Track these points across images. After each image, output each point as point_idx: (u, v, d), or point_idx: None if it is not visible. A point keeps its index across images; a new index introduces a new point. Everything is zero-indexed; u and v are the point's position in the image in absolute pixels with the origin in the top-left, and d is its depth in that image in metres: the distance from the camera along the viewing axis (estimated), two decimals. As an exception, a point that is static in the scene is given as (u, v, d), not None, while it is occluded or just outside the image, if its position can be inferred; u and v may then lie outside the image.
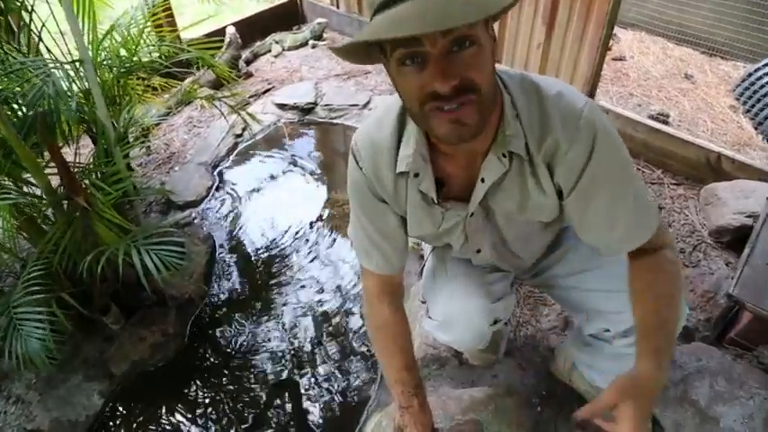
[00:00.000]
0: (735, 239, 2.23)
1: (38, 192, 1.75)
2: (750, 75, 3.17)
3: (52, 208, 1.73)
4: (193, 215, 2.50)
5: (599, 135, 0.95)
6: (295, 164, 2.95)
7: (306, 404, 1.86)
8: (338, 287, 2.27)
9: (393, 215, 1.16)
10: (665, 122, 2.95)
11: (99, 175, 1.76)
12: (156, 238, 1.76)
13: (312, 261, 2.39)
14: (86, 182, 1.77)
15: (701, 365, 1.68)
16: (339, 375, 1.94)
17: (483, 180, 1.02)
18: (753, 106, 3.05)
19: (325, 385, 1.91)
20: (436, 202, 1.08)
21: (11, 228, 1.60)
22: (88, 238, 1.71)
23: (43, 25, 1.73)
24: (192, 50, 2.04)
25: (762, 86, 3.03)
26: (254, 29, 3.88)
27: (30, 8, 1.70)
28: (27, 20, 1.73)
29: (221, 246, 2.44)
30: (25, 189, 1.77)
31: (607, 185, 1.00)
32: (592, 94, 2.82)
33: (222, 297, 2.23)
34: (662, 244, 1.09)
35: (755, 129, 3.00)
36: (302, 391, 1.89)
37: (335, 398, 1.87)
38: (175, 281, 2.02)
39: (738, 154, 2.65)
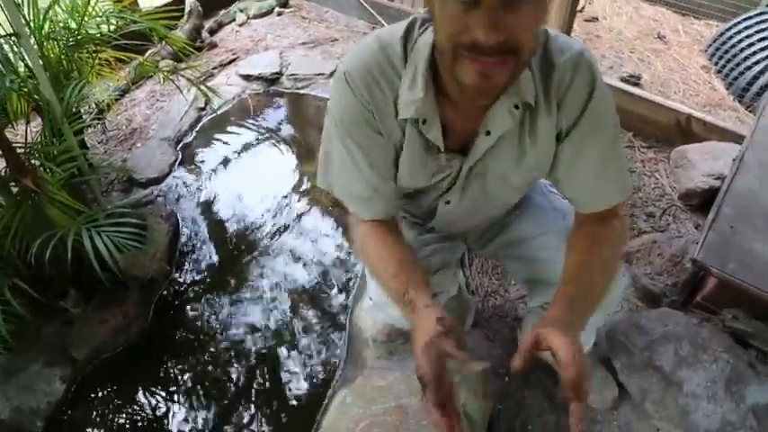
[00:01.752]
0: (704, 202, 2.24)
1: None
2: (722, 34, 3.14)
3: (-2, 191, 1.66)
4: (156, 193, 2.43)
5: (597, 74, 0.96)
6: (261, 135, 2.88)
7: (277, 380, 1.83)
8: (313, 258, 2.24)
9: (392, 150, 1.06)
10: (637, 84, 2.93)
11: (47, 155, 1.68)
12: (113, 219, 1.71)
13: (286, 233, 2.35)
14: (35, 162, 1.70)
15: (666, 331, 1.69)
16: (312, 349, 1.91)
17: (488, 133, 0.98)
18: (724, 66, 3.04)
19: (297, 360, 1.88)
20: (442, 150, 1.03)
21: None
22: (41, 220, 1.65)
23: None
24: (142, 22, 1.94)
25: (733, 45, 3.01)
26: (218, -4, 3.74)
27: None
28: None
29: (186, 223, 2.38)
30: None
31: (604, 129, 1.00)
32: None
33: (188, 275, 2.18)
34: (617, 212, 1.10)
35: (727, 89, 2.99)
36: (273, 367, 1.87)
37: (308, 372, 1.85)
38: (136, 261, 1.97)
39: (709, 115, 2.64)
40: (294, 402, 1.77)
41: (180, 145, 2.78)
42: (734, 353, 1.60)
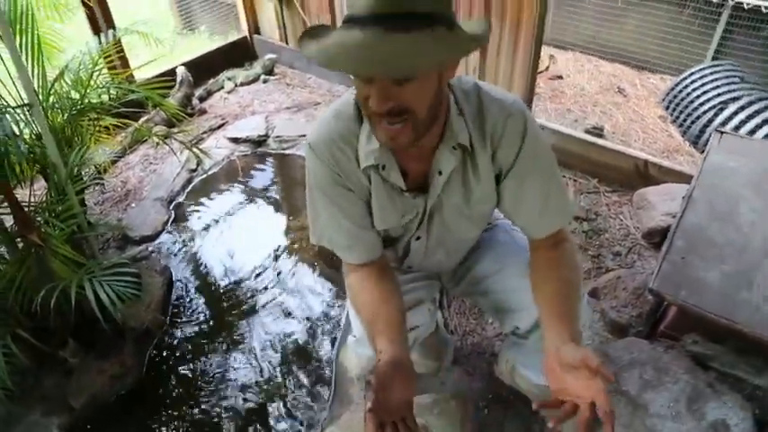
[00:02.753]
0: (664, 239, 2.39)
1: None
2: (674, 87, 3.41)
3: (5, 246, 1.78)
4: (150, 249, 2.55)
5: (528, 120, 1.12)
6: (249, 194, 3.03)
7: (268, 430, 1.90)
8: (301, 311, 2.32)
9: (362, 203, 1.21)
10: (600, 135, 3.15)
11: (52, 212, 1.82)
12: (111, 270, 1.83)
13: (275, 289, 2.43)
14: (39, 219, 1.84)
15: (632, 358, 1.81)
16: (301, 398, 1.97)
17: (440, 173, 1.14)
18: (679, 115, 3.29)
19: (287, 409, 1.94)
20: (405, 189, 1.17)
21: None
22: (44, 273, 1.77)
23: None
24: (139, 91, 2.13)
25: (685, 97, 3.27)
26: (207, 67, 3.98)
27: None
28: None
29: (179, 277, 2.49)
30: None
31: (540, 166, 1.16)
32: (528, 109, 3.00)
33: (181, 327, 2.27)
34: (565, 236, 1.25)
35: (683, 135, 3.23)
36: (264, 417, 1.93)
37: (297, 420, 1.91)
38: (132, 312, 2.07)
39: (666, 160, 2.85)
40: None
41: (172, 204, 2.92)
42: (693, 374, 1.72)
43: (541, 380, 1.68)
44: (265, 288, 2.44)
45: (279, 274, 2.51)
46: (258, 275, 2.50)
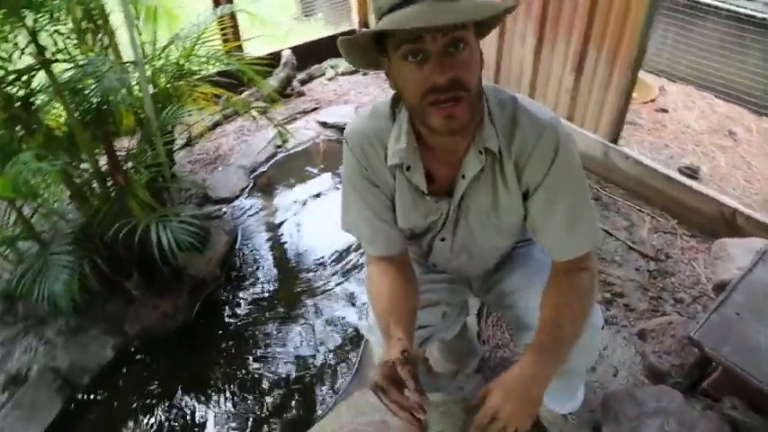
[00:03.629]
0: (734, 294, 2.23)
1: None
2: (792, 137, 3.13)
3: (97, 182, 2.04)
4: (224, 210, 2.78)
5: (561, 140, 1.12)
6: (325, 177, 3.17)
7: (300, 402, 1.99)
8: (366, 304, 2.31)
9: (386, 199, 1.27)
10: (693, 176, 2.96)
11: (139, 160, 2.06)
12: (180, 218, 2.02)
13: (339, 273, 2.49)
14: (129, 165, 2.08)
15: (658, 406, 1.72)
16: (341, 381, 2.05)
17: (464, 176, 1.17)
18: (790, 169, 3.01)
19: (326, 389, 2.03)
20: (426, 193, 1.22)
21: (59, 192, 1.91)
22: (123, 211, 2.00)
23: (113, 32, 2.08)
24: (234, 63, 2.33)
25: (800, 150, 2.99)
26: (314, 52, 4.20)
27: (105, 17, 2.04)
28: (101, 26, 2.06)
29: (245, 241, 2.68)
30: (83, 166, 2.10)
31: (571, 185, 1.16)
32: (616, 137, 2.90)
33: (236, 285, 2.44)
34: (587, 265, 1.22)
35: (790, 191, 2.95)
36: (300, 389, 2.03)
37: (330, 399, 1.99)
38: (193, 262, 2.28)
39: (756, 212, 2.63)
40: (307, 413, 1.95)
41: (254, 174, 3.16)
42: (719, 438, 1.61)
43: (551, 405, 1.67)
44: (328, 271, 2.52)
45: (344, 259, 2.58)
46: (322, 257, 2.60)
